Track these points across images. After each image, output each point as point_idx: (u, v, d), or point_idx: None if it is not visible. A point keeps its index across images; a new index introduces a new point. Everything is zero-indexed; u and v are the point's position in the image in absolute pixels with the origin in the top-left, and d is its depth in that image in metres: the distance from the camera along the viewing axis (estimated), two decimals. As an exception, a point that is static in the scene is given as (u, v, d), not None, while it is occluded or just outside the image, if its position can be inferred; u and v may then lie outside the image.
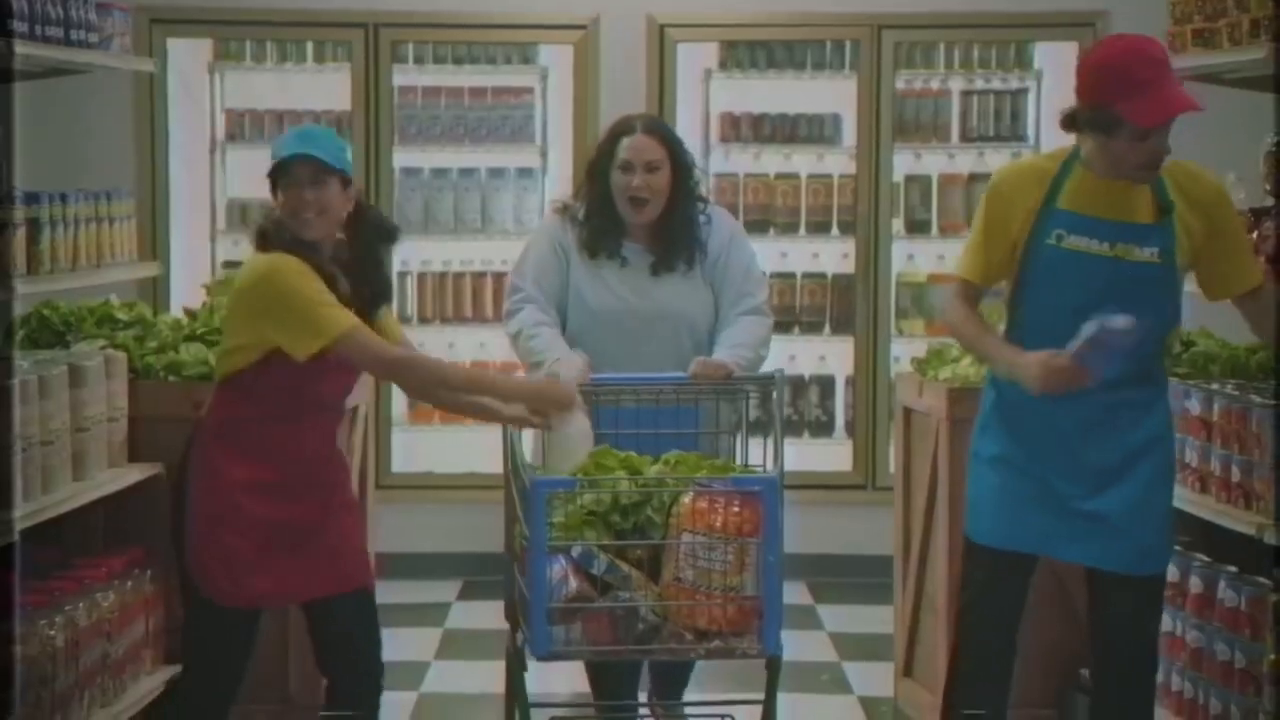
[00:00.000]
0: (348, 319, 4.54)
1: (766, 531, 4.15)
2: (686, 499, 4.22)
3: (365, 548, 5.00)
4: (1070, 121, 4.53)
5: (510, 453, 4.48)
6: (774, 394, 4.77)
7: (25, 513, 4.91)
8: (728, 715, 4.73)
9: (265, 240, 4.63)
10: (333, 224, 4.66)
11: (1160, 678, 5.43)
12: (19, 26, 5.06)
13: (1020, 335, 4.61)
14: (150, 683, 5.58)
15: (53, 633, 5.04)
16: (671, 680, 5.44)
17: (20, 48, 5.00)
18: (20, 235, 5.04)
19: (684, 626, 4.17)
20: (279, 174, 4.60)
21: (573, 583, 4.16)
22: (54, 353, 5.66)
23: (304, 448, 4.71)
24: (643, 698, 5.51)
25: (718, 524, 4.15)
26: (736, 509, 4.17)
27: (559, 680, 5.91)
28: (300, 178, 4.58)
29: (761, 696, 4.45)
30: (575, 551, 4.18)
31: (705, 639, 4.18)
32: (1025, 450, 4.59)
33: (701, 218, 5.32)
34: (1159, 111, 4.37)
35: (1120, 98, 4.36)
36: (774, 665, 4.35)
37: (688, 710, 5.31)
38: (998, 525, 4.62)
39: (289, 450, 4.69)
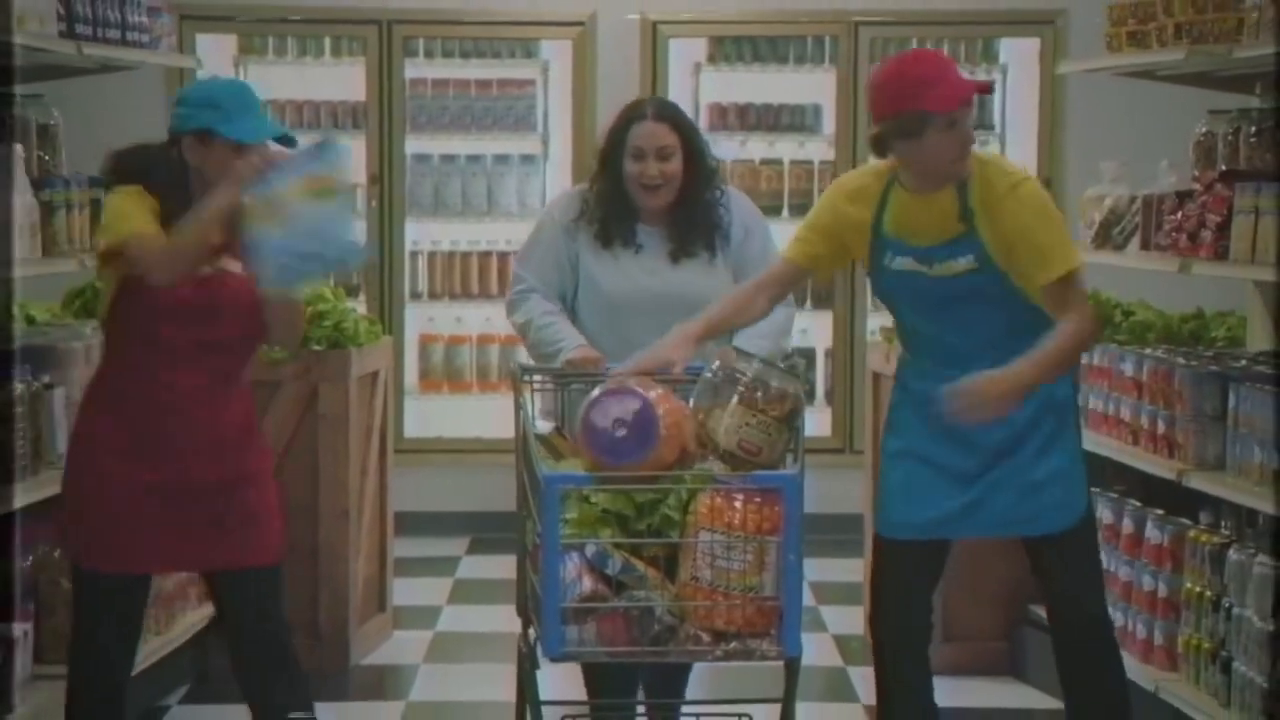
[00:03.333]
0: (146, 227, 4.30)
1: (787, 530, 3.98)
2: (704, 496, 4.04)
3: (273, 523, 4.55)
4: (879, 143, 4.49)
5: (523, 447, 4.30)
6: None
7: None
8: (745, 715, 4.53)
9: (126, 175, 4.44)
10: None
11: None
12: (83, 30, 5.51)
13: (899, 336, 4.74)
14: (195, 615, 6.09)
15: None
16: (668, 679, 5.12)
17: (87, 49, 5.48)
18: (85, 215, 5.48)
19: (701, 627, 4.01)
20: (252, 138, 4.36)
21: (586, 582, 4.00)
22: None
23: (165, 403, 4.37)
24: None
25: (736, 522, 3.98)
26: (756, 506, 4.00)
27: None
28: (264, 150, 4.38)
29: (772, 695, 4.32)
30: (589, 551, 4.00)
31: (723, 640, 4.01)
32: (927, 440, 4.54)
33: (719, 207, 5.05)
34: (955, 96, 4.39)
35: (919, 97, 4.36)
36: (793, 666, 4.17)
37: (704, 710, 5.01)
38: (904, 518, 4.56)
39: (148, 405, 4.38)
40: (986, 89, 4.73)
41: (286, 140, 4.46)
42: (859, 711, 6.19)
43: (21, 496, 5.01)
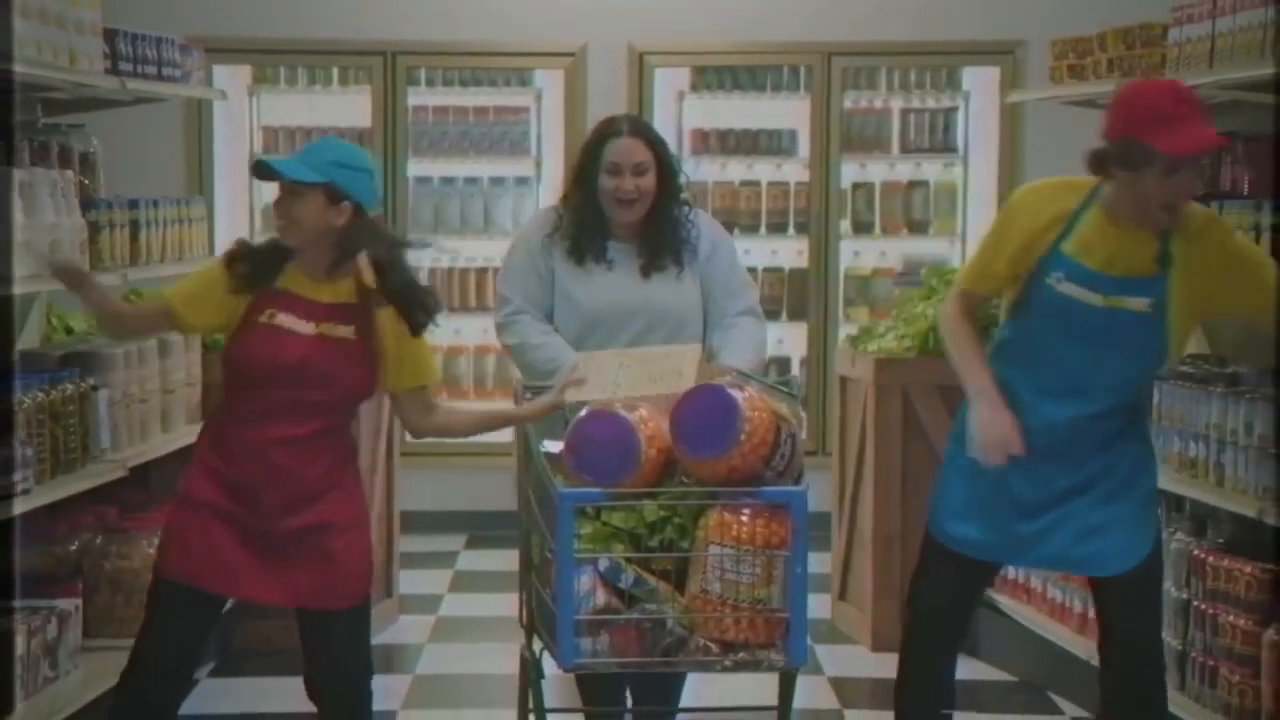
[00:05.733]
0: (168, 291, 4.58)
1: (794, 544, 4.03)
2: (713, 511, 4.08)
3: (363, 568, 4.54)
4: (1097, 161, 4.27)
5: (529, 463, 4.29)
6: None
7: (129, 455, 5.84)
8: None
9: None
10: (305, 235, 4.39)
11: (1038, 588, 6.33)
12: (125, 67, 6.01)
13: (1001, 351, 4.52)
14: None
15: (151, 550, 5.86)
16: (660, 688, 5.16)
17: (130, 84, 5.98)
18: (125, 234, 5.96)
19: (710, 638, 4.07)
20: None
21: (600, 595, 4.04)
22: (143, 330, 6.62)
23: (257, 453, 4.39)
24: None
25: (745, 536, 4.03)
26: (764, 521, 4.05)
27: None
28: (281, 186, 4.42)
29: (763, 692, 4.48)
30: (602, 565, 4.04)
31: (731, 651, 4.07)
32: (1002, 464, 4.43)
33: (688, 222, 5.10)
34: (1189, 143, 4.17)
35: (1151, 130, 4.14)
36: (789, 675, 4.26)
37: (702, 715, 5.03)
38: (963, 534, 4.51)
39: (243, 451, 4.40)
40: (1224, 145, 4.44)
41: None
42: (824, 683, 6.67)
43: (71, 486, 5.47)
